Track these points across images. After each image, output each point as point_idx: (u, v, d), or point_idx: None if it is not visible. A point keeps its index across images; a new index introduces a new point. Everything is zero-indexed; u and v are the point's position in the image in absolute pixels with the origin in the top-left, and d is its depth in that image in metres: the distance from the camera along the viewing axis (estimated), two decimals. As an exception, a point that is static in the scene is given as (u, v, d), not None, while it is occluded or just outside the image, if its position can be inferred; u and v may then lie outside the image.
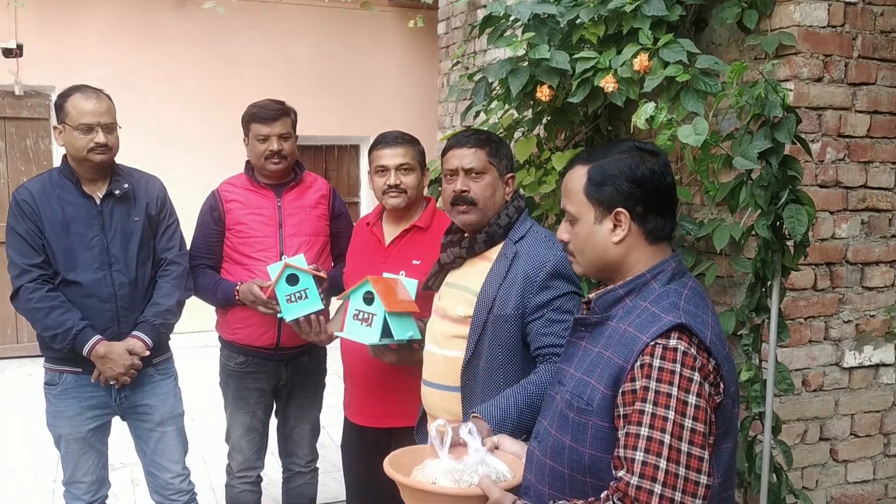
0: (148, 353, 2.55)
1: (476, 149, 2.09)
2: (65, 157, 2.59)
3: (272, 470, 3.28)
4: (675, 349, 1.31)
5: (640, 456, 1.27)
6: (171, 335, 2.77)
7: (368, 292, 2.23)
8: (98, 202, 2.55)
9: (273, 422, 3.03)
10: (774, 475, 2.32)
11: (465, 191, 2.08)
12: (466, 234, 2.15)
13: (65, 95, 2.52)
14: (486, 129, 2.72)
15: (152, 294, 2.62)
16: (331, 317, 2.74)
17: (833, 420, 2.59)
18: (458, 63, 4.32)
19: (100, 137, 2.48)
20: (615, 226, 1.45)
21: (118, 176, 2.60)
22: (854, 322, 2.59)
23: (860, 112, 2.51)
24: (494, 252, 2.08)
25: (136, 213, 2.60)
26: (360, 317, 2.25)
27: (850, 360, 2.58)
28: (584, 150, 1.58)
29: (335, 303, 2.65)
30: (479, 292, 2.04)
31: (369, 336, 2.21)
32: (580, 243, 1.49)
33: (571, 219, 1.50)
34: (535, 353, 1.97)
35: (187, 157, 6.74)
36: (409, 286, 2.32)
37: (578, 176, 1.48)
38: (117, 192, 2.56)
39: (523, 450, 1.66)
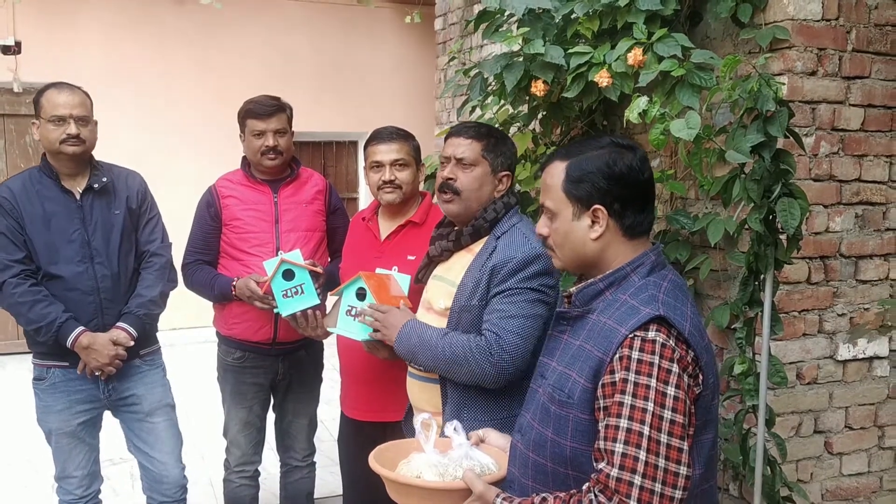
0: (132, 343, 2.57)
1: (472, 140, 2.09)
2: (44, 154, 2.61)
3: (270, 464, 3.29)
4: (654, 341, 1.32)
5: (619, 448, 1.28)
6: (169, 330, 2.79)
7: (361, 288, 2.24)
8: (78, 197, 2.57)
9: (270, 416, 3.04)
10: (769, 468, 2.33)
11: (450, 179, 2.09)
12: (455, 228, 2.15)
13: (41, 92, 2.56)
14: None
15: (136, 286, 2.64)
16: (327, 311, 2.75)
17: (827, 413, 2.59)
18: (454, 58, 4.32)
19: (72, 129, 2.50)
20: (593, 222, 1.46)
21: (97, 171, 2.62)
22: (848, 315, 2.59)
23: (854, 106, 2.51)
24: (479, 246, 2.09)
25: (117, 207, 2.62)
26: (353, 313, 2.25)
27: (845, 353, 2.59)
28: (562, 146, 1.59)
29: (333, 298, 2.66)
30: (458, 285, 2.05)
31: (362, 332, 2.21)
32: (559, 239, 1.50)
33: (550, 214, 1.51)
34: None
35: (185, 152, 6.76)
36: (401, 281, 2.33)
37: (557, 172, 1.49)
38: (96, 185, 2.58)
39: (509, 443, 1.67)
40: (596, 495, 1.29)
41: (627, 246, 1.47)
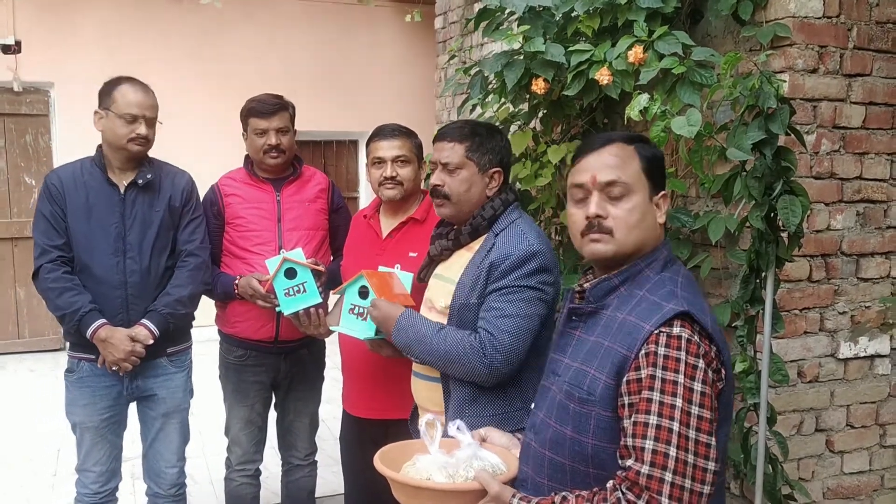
0: (152, 341, 2.56)
1: (455, 143, 2.08)
2: (99, 146, 2.63)
3: (271, 463, 3.29)
4: (679, 337, 1.32)
5: (649, 444, 1.27)
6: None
7: (363, 287, 2.24)
8: (122, 190, 2.59)
9: (272, 415, 3.04)
10: (770, 466, 2.32)
11: (438, 185, 2.09)
12: (455, 227, 2.15)
13: (113, 84, 2.59)
14: (480, 120, 2.71)
15: (167, 285, 2.64)
16: (329, 310, 2.75)
17: (829, 411, 2.59)
18: (454, 57, 4.32)
19: (142, 129, 2.55)
20: (657, 207, 1.48)
21: (144, 167, 2.64)
22: (849, 313, 2.59)
23: (855, 103, 2.50)
24: (478, 243, 2.09)
25: (159, 205, 2.63)
26: (356, 311, 2.25)
27: (846, 351, 2.59)
28: (611, 132, 1.59)
29: (335, 297, 2.66)
30: (457, 283, 2.05)
31: (365, 330, 2.21)
32: (633, 219, 1.44)
33: (623, 192, 1.44)
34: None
35: (185, 151, 6.72)
36: (404, 279, 2.33)
37: (628, 152, 1.47)
38: (140, 181, 2.60)
39: (511, 442, 1.66)
40: (624, 493, 1.28)
41: (661, 239, 1.50)
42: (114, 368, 2.55)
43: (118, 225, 2.56)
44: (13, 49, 6.27)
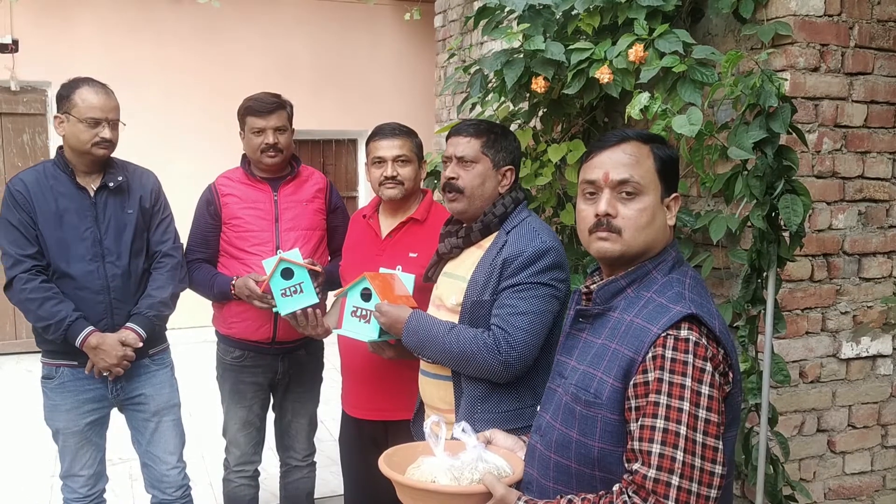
0: (141, 344, 2.55)
1: (471, 138, 2.10)
2: (60, 148, 2.58)
3: (270, 464, 3.28)
4: (687, 340, 1.31)
5: (656, 448, 1.26)
6: (169, 329, 2.77)
7: (366, 289, 2.22)
8: (92, 194, 2.55)
9: (270, 416, 3.03)
10: (771, 467, 2.31)
11: (452, 178, 2.10)
12: (464, 224, 2.14)
13: (72, 87, 2.51)
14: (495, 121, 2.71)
15: (146, 286, 2.62)
16: (327, 310, 2.74)
17: (830, 411, 2.58)
18: (454, 55, 4.31)
19: (105, 133, 2.49)
20: (667, 209, 1.45)
21: (112, 169, 2.60)
22: (851, 313, 2.58)
23: (857, 102, 2.49)
24: (489, 241, 2.09)
25: (130, 206, 2.59)
26: (359, 314, 2.24)
27: (848, 351, 2.58)
28: (627, 129, 1.55)
29: (333, 297, 2.64)
30: (469, 280, 2.05)
31: (368, 333, 2.20)
32: (643, 220, 1.41)
33: (635, 191, 1.41)
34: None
35: (184, 151, 6.74)
36: (406, 281, 2.31)
37: (643, 152, 1.44)
38: (111, 184, 2.56)
39: (517, 444, 1.65)
40: (630, 496, 1.28)
41: (670, 239, 1.48)
42: (105, 374, 2.52)
43: (93, 230, 2.52)
44: (10, 48, 6.25)
